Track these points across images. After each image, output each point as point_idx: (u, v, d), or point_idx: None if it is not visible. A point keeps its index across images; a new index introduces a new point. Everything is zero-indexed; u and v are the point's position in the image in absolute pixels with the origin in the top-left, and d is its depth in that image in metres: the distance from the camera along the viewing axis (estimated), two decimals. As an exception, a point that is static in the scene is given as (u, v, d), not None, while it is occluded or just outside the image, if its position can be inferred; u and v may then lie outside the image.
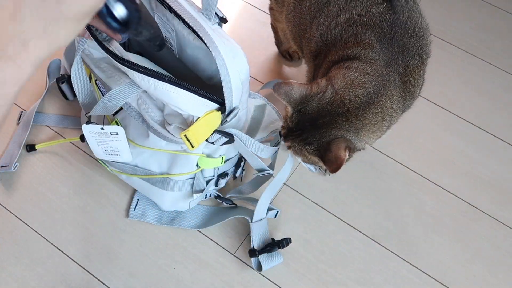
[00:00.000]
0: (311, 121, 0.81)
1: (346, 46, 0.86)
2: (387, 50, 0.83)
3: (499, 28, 1.35)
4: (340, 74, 0.82)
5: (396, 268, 1.00)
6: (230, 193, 1.03)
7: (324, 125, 0.80)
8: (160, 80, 0.73)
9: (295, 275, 0.99)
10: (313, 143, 0.81)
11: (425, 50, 0.86)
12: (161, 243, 1.01)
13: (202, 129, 0.76)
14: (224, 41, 0.74)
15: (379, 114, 0.81)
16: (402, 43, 0.84)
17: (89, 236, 1.02)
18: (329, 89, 0.80)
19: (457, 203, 1.08)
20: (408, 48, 0.84)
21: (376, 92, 0.80)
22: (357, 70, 0.81)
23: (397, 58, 0.83)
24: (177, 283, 0.98)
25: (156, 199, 1.00)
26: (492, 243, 1.04)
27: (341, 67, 0.83)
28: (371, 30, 0.84)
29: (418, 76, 0.85)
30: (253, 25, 1.34)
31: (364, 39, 0.84)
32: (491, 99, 1.23)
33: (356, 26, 0.86)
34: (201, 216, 1.04)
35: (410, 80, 0.84)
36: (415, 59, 0.84)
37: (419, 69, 0.85)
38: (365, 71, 0.81)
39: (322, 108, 0.80)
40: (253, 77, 1.24)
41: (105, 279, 0.97)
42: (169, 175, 0.92)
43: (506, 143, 1.17)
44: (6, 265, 0.98)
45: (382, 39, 0.84)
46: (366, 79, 0.81)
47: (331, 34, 0.89)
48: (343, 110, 0.80)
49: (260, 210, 0.98)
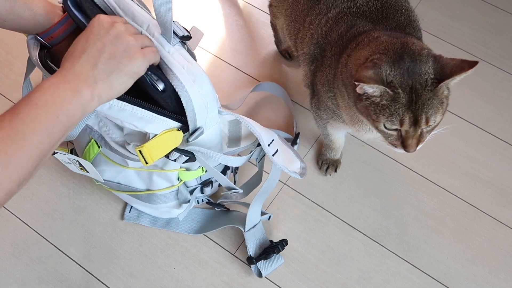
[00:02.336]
0: (408, 73, 0.73)
1: (341, 38, 0.86)
2: (384, 26, 0.85)
3: (499, 28, 1.35)
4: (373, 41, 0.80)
5: (396, 268, 1.00)
6: (221, 199, 1.02)
7: (414, 63, 0.73)
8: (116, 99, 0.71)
9: (295, 275, 0.99)
10: (430, 81, 0.73)
11: (416, 22, 0.90)
12: (161, 243, 1.01)
13: (158, 146, 0.75)
14: (184, 64, 0.72)
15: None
16: (396, 19, 0.87)
17: (89, 236, 1.02)
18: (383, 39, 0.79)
19: (457, 203, 1.08)
20: (402, 22, 0.87)
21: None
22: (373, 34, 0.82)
23: (396, 30, 0.85)
24: (177, 283, 0.98)
25: (147, 210, 1.00)
26: (492, 243, 1.04)
27: (361, 44, 0.81)
28: (361, 17, 0.86)
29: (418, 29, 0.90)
30: (253, 25, 1.34)
31: (355, 24, 0.85)
32: (491, 99, 1.23)
33: (346, 16, 0.87)
34: (195, 220, 1.04)
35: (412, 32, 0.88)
36: (411, 25, 0.88)
37: (416, 31, 0.89)
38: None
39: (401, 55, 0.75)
40: (252, 76, 1.24)
41: (105, 279, 0.97)
42: (152, 191, 0.92)
43: (506, 143, 1.16)
44: (6, 265, 0.98)
45: (375, 21, 0.86)
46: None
47: (322, 31, 0.90)
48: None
49: (252, 218, 0.98)
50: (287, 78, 1.25)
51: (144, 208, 1.01)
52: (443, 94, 0.74)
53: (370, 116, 0.76)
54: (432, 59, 0.73)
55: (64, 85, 0.60)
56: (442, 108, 0.75)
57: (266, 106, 1.20)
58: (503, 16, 1.38)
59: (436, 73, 0.72)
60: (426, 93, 0.72)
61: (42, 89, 0.59)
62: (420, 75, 0.72)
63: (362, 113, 0.79)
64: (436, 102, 0.73)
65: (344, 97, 0.84)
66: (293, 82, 1.24)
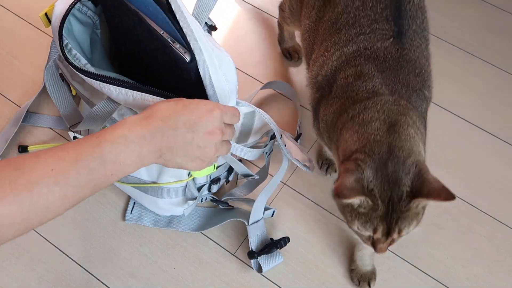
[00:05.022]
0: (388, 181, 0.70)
1: (345, 89, 0.82)
2: (391, 79, 0.81)
3: (499, 28, 1.35)
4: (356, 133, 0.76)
5: (396, 268, 1.00)
6: (225, 196, 1.03)
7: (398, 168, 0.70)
8: (137, 91, 0.72)
9: (295, 275, 0.99)
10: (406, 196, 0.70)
11: (428, 89, 0.85)
12: (161, 243, 1.01)
13: None
14: (214, 48, 0.73)
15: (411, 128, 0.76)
16: (408, 79, 0.81)
17: (89, 236, 1.02)
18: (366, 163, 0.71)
19: (457, 203, 1.08)
20: (413, 84, 0.82)
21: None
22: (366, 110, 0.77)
23: (401, 89, 0.80)
24: (177, 283, 0.98)
25: (150, 205, 1.00)
26: (492, 243, 1.04)
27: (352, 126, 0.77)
28: (373, 63, 0.82)
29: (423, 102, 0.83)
30: (253, 25, 1.34)
31: (363, 73, 0.81)
32: (491, 99, 1.23)
33: (359, 58, 0.83)
34: (198, 218, 1.04)
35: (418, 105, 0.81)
36: (419, 94, 0.82)
37: (422, 102, 0.83)
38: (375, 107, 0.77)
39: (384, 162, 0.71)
40: (253, 77, 1.24)
41: (105, 279, 0.97)
42: (160, 184, 0.92)
43: (506, 143, 1.16)
44: (6, 265, 0.98)
45: (386, 70, 0.81)
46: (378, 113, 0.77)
47: (332, 65, 0.86)
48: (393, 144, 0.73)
49: (256, 212, 0.98)
50: (288, 78, 1.25)
51: (148, 204, 1.00)
52: (418, 207, 0.71)
53: (345, 216, 0.75)
54: (415, 172, 0.69)
55: (135, 147, 0.60)
56: (417, 219, 0.72)
57: (270, 105, 1.20)
58: (503, 16, 1.38)
59: (413, 188, 0.69)
60: (402, 207, 0.69)
61: (116, 138, 0.59)
62: (399, 186, 0.69)
63: (338, 207, 0.77)
64: (411, 215, 0.70)
65: (335, 150, 0.82)
66: (293, 82, 1.24)
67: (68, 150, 0.56)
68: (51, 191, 0.54)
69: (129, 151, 0.59)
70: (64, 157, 0.55)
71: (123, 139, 0.58)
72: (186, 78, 0.74)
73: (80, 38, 0.86)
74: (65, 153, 0.56)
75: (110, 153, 0.57)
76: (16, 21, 1.30)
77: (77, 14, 0.86)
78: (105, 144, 0.57)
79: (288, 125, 1.16)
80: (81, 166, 0.56)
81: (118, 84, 0.74)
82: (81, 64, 0.78)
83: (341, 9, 0.88)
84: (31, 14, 1.30)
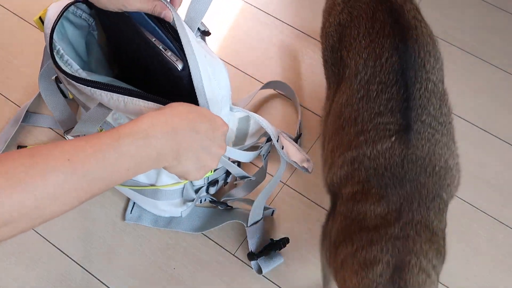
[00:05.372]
0: None
1: (346, 218, 0.72)
2: (397, 195, 0.69)
3: (499, 28, 1.35)
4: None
5: (396, 268, 1.00)
6: (225, 197, 1.03)
7: None
8: (129, 96, 0.71)
9: (295, 275, 0.99)
10: None
11: (447, 190, 0.72)
12: (161, 243, 1.01)
13: None
14: (206, 54, 0.72)
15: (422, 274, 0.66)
16: (418, 185, 0.69)
17: (89, 236, 1.02)
18: None
19: (457, 203, 1.08)
20: (426, 191, 0.69)
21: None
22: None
23: (411, 205, 0.68)
24: (177, 283, 0.98)
25: (148, 207, 1.00)
26: (492, 243, 1.04)
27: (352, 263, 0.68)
28: (374, 177, 0.70)
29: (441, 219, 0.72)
30: (253, 25, 1.34)
31: (368, 188, 0.70)
32: (491, 99, 1.23)
33: (361, 170, 0.72)
34: (197, 218, 1.04)
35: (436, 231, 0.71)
36: (434, 202, 0.70)
37: (441, 211, 0.72)
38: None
39: None
40: (253, 77, 1.24)
41: (105, 279, 0.97)
42: (157, 186, 0.92)
43: (506, 143, 1.16)
44: (6, 265, 0.98)
45: (389, 183, 0.69)
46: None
47: (337, 176, 0.76)
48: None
49: (255, 214, 0.98)
50: (287, 79, 1.25)
51: (146, 206, 1.01)
52: None
53: None
54: None
55: (157, 142, 0.58)
56: None
57: (270, 105, 1.20)
58: (503, 16, 1.38)
59: None
60: None
61: (134, 133, 0.57)
62: None
63: None
64: None
65: (334, 275, 0.74)
66: (293, 82, 1.24)
67: (87, 141, 0.54)
68: (66, 181, 0.51)
69: (148, 147, 0.57)
70: (83, 146, 0.53)
71: (144, 134, 0.57)
72: (180, 85, 0.74)
73: (75, 41, 0.86)
74: (84, 143, 0.53)
75: (130, 147, 0.56)
76: (16, 21, 1.30)
77: (71, 18, 0.84)
78: (126, 138, 0.56)
79: (288, 125, 1.17)
80: (100, 157, 0.53)
81: (109, 90, 0.72)
82: (72, 70, 0.77)
83: (345, 100, 0.77)
84: (31, 14, 1.30)
